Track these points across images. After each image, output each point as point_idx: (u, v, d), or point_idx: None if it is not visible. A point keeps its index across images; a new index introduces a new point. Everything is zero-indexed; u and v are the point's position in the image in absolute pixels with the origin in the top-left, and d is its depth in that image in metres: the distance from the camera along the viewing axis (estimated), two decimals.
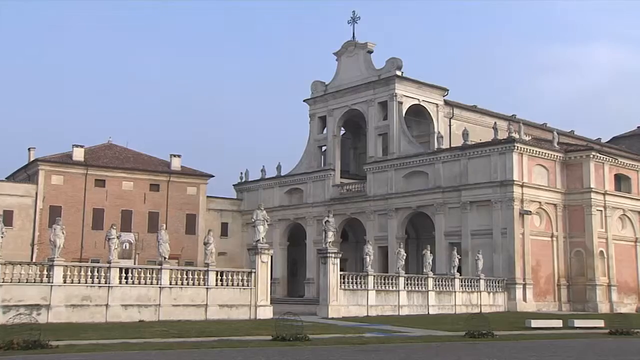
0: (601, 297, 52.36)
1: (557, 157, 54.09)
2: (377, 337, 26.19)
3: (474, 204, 52.86)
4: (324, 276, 38.91)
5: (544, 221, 52.83)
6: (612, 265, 54.12)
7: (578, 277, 53.09)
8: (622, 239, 55.94)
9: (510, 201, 50.36)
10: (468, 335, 26.28)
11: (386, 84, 61.17)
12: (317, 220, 62.56)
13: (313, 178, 66.74)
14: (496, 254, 50.52)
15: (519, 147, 51.18)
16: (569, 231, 53.80)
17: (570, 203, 53.87)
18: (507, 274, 49.72)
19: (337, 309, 38.15)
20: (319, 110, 67.76)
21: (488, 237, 51.42)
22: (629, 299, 55.45)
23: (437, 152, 56.33)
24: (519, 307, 48.40)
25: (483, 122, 63.86)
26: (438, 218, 55.13)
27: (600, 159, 54.97)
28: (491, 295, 48.33)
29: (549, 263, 52.47)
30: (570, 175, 54.42)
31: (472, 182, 52.91)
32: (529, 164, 52.07)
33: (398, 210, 58.47)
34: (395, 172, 59.02)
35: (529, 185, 51.50)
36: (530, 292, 50.04)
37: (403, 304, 42.39)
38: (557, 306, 51.82)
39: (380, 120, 61.88)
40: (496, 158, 51.80)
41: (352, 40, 65.63)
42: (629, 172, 57.76)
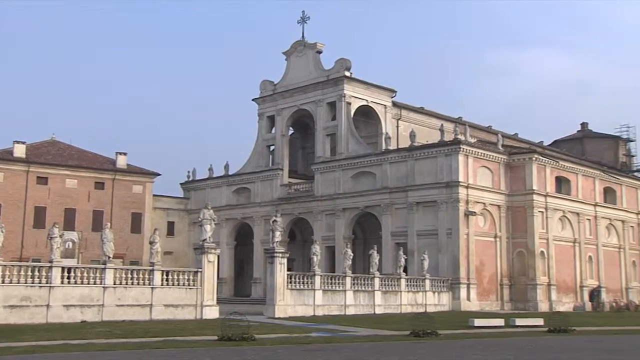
0: (541, 296, 53.70)
1: (501, 159, 55.21)
2: (324, 336, 26.28)
3: (420, 205, 53.54)
4: (271, 276, 38.85)
5: (488, 222, 53.87)
6: (552, 265, 55.55)
7: (520, 276, 54.30)
8: (562, 240, 57.48)
9: (456, 202, 51.19)
10: (413, 334, 26.60)
11: (335, 85, 61.43)
12: (264, 220, 62.42)
13: (261, 177, 66.55)
14: (441, 254, 51.28)
15: (465, 149, 52.06)
16: (512, 232, 54.98)
17: (513, 204, 55.06)
18: (452, 273, 50.53)
19: (283, 309, 38.13)
20: (267, 109, 67.60)
21: (434, 237, 52.16)
22: (567, 297, 57.01)
23: (384, 153, 56.84)
24: (463, 306, 49.23)
25: (430, 123, 64.69)
26: (385, 218, 55.65)
27: (542, 161, 56.36)
28: (436, 294, 49.03)
29: (492, 263, 53.53)
30: (513, 177, 55.62)
31: (419, 183, 53.59)
32: (474, 165, 53.02)
33: (345, 211, 58.79)
34: (343, 173, 59.32)
35: (474, 187, 52.44)
36: (474, 291, 50.97)
37: (349, 303, 42.64)
38: (499, 305, 52.91)
39: (328, 121, 62.11)
40: (442, 159, 52.57)
41: (302, 40, 65.70)
42: (569, 175, 59.39)
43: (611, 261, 62.71)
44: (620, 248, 64.15)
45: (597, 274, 60.55)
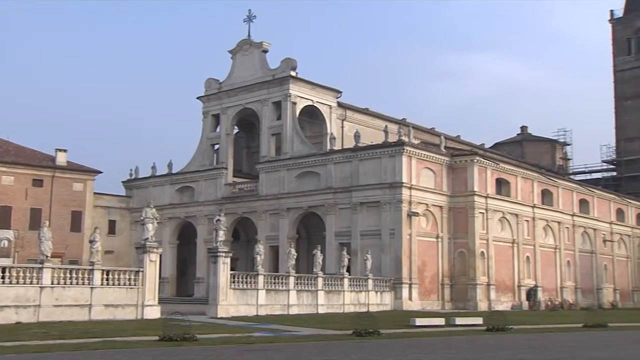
0: (481, 295, 54.80)
1: (443, 161, 56.08)
2: (266, 336, 26.24)
3: (364, 205, 53.94)
4: (214, 275, 38.56)
5: (430, 222, 54.65)
6: (492, 265, 56.74)
7: (460, 276, 55.27)
8: (501, 240, 58.77)
9: (399, 203, 51.76)
10: (355, 334, 26.80)
11: (280, 84, 61.35)
12: (208, 219, 61.90)
13: (205, 176, 65.95)
14: (384, 254, 51.77)
15: (408, 150, 52.69)
16: (453, 232, 55.88)
17: (455, 205, 55.99)
18: (394, 273, 51.07)
19: (226, 309, 37.89)
20: (212, 108, 67.03)
21: (377, 237, 52.61)
22: (506, 297, 58.33)
23: (329, 153, 57.07)
24: (404, 306, 49.81)
25: (374, 124, 65.22)
26: (329, 218, 55.87)
27: (484, 163, 57.48)
28: (379, 294, 49.49)
29: (434, 263, 54.32)
30: (455, 179, 56.55)
31: (363, 184, 53.98)
32: (418, 166, 53.71)
33: (290, 210, 58.79)
34: (288, 172, 59.30)
35: (417, 188, 53.12)
36: (415, 291, 51.63)
37: (293, 303, 42.66)
38: (440, 305, 53.74)
39: (274, 120, 61.98)
40: (386, 160, 53.07)
41: (248, 39, 65.36)
42: (508, 177, 60.75)
43: (547, 261, 64.45)
44: (556, 248, 65.99)
45: (534, 273, 62.12)
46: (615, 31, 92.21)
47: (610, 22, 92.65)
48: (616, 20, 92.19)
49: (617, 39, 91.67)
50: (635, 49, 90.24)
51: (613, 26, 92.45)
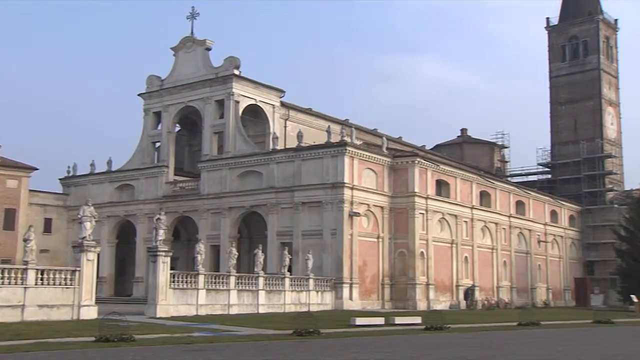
0: (420, 295, 55.65)
1: (385, 161, 56.69)
2: (206, 336, 26.03)
3: (306, 205, 54.09)
4: (153, 275, 38.02)
5: (371, 223, 55.16)
6: (431, 265, 57.67)
7: (400, 276, 55.99)
8: (441, 241, 59.80)
9: (341, 203, 52.08)
10: (296, 333, 26.83)
11: (223, 83, 60.94)
12: (148, 218, 61.00)
13: (145, 174, 64.98)
14: (325, 254, 52.02)
15: (351, 150, 53.07)
16: (394, 232, 56.55)
17: (396, 206, 56.67)
18: (335, 273, 51.37)
19: (165, 309, 37.43)
20: (154, 105, 66.08)
21: (318, 237, 52.82)
22: (444, 296, 59.39)
23: (272, 153, 56.99)
24: (345, 305, 50.15)
25: (317, 124, 65.48)
26: (271, 218, 55.80)
27: (424, 165, 58.36)
28: (319, 294, 49.69)
29: (375, 263, 54.87)
30: (396, 180, 57.25)
31: (305, 184, 54.11)
32: (360, 167, 54.15)
33: (231, 209, 58.48)
34: (230, 171, 58.97)
35: (359, 188, 53.55)
36: (356, 291, 52.06)
37: (233, 303, 42.44)
38: (380, 304, 54.32)
39: (216, 119, 61.53)
40: (328, 161, 53.34)
41: (191, 36, 64.69)
42: (448, 178, 61.86)
43: (484, 261, 65.93)
44: (493, 249, 67.56)
45: (472, 273, 63.45)
46: (551, 38, 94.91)
47: (547, 29, 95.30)
48: (552, 28, 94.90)
49: (553, 45, 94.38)
50: (569, 56, 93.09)
51: (549, 33, 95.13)
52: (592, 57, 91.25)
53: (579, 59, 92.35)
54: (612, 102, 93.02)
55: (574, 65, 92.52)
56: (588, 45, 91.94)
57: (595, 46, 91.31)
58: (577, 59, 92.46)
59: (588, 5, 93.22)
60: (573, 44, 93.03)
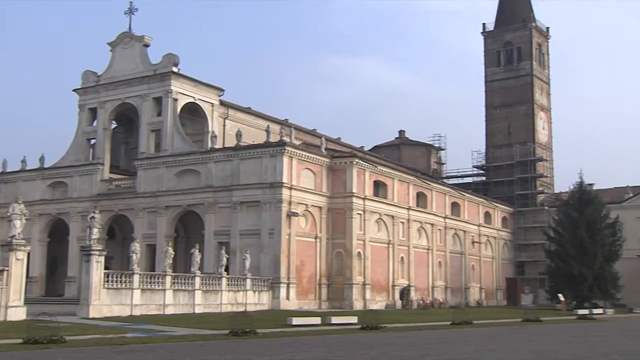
0: (357, 295, 56.15)
1: (324, 162, 56.97)
2: (140, 337, 25.66)
3: (244, 204, 53.87)
4: (86, 274, 37.20)
5: (309, 223, 55.36)
6: (368, 266, 58.27)
7: (337, 276, 56.35)
8: (377, 241, 60.47)
9: (279, 203, 52.08)
10: (232, 333, 26.74)
11: (162, 80, 60.07)
12: (82, 216, 59.58)
13: (80, 172, 63.45)
14: (263, 253, 51.93)
15: (290, 150, 53.13)
16: (332, 233, 56.89)
17: (334, 206, 57.03)
18: (273, 273, 51.33)
19: (99, 309, 36.68)
20: (89, 101, 64.59)
21: (256, 237, 52.69)
22: (381, 296, 60.09)
23: (210, 152, 56.53)
24: (282, 305, 50.17)
25: (257, 124, 65.24)
26: (208, 217, 55.34)
27: (362, 165, 58.91)
28: (256, 294, 49.56)
29: (312, 263, 55.08)
30: (335, 180, 57.60)
31: (243, 183, 53.90)
32: (298, 167, 54.27)
33: (168, 208, 57.73)
34: (167, 170, 58.21)
35: (297, 188, 53.66)
36: (293, 290, 52.14)
37: (169, 302, 41.91)
38: (317, 304, 54.56)
39: (154, 116, 60.61)
40: (267, 160, 53.26)
41: (128, 32, 63.50)
42: (386, 180, 62.60)
43: (420, 262, 67.00)
44: (429, 249, 68.73)
45: (408, 273, 64.38)
46: (486, 43, 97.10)
47: (483, 35, 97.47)
48: (487, 33, 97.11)
49: (489, 51, 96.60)
50: (504, 61, 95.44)
51: (485, 39, 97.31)
52: (526, 63, 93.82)
53: (513, 64, 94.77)
54: (544, 107, 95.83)
55: (508, 70, 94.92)
56: (522, 52, 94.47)
57: (529, 53, 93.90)
58: (511, 65, 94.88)
59: (522, 13, 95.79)
60: (507, 50, 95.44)
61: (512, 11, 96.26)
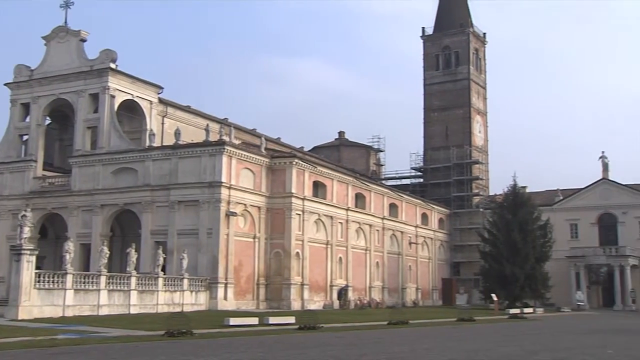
0: (295, 295, 56.23)
1: (263, 162, 56.85)
2: (72, 338, 25.09)
3: (182, 204, 53.28)
4: (16, 275, 36.13)
5: (248, 223, 55.15)
6: (306, 266, 58.42)
7: (276, 276, 56.31)
8: (316, 242, 60.72)
9: (218, 202, 51.70)
10: (167, 334, 26.44)
11: (98, 76, 58.76)
12: (12, 214, 57.73)
13: (10, 169, 61.46)
14: (201, 253, 51.47)
15: (229, 150, 52.81)
16: (270, 233, 56.81)
17: (273, 206, 56.96)
18: (211, 273, 50.92)
19: (29, 310, 35.67)
20: (22, 96, 62.61)
21: (194, 236, 52.17)
22: (318, 296, 60.35)
23: (148, 150, 55.67)
24: (220, 305, 49.81)
25: (196, 123, 64.56)
26: (145, 216, 54.49)
27: (302, 166, 59.04)
28: (194, 294, 49.07)
29: (251, 263, 54.89)
30: (274, 180, 57.55)
31: (182, 182, 53.31)
32: (237, 167, 54.00)
33: (104, 207, 56.59)
34: (104, 168, 57.05)
35: (236, 188, 53.39)
36: (231, 291, 51.84)
37: (103, 303, 41.09)
38: (255, 304, 54.41)
39: (90, 113, 59.22)
40: (206, 159, 52.82)
41: (64, 26, 61.87)
42: (325, 180, 62.90)
43: (358, 262, 67.58)
44: (367, 250, 69.38)
45: (346, 273, 64.85)
46: (425, 47, 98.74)
47: (422, 39, 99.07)
48: (427, 37, 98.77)
49: (428, 54, 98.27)
50: (442, 65, 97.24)
51: (424, 42, 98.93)
52: (463, 68, 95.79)
53: (451, 68, 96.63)
54: (480, 111, 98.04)
55: (446, 74, 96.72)
56: (459, 56, 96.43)
57: (466, 57, 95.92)
58: (449, 69, 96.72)
59: (460, 18, 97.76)
60: (446, 54, 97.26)
61: (451, 16, 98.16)
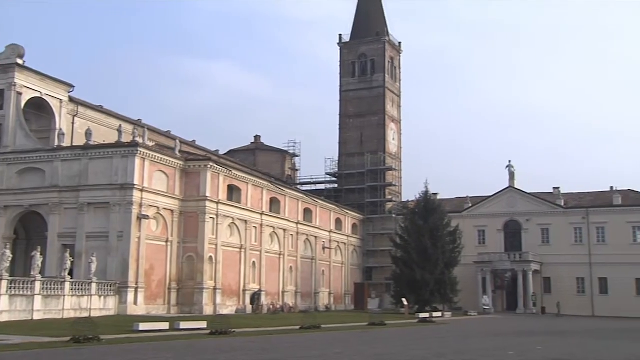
0: (207, 299, 55.62)
1: (177, 164, 56.03)
2: None
3: (92, 206, 51.79)
4: None
5: (160, 226, 54.19)
6: (220, 270, 57.91)
7: (188, 280, 55.54)
8: (230, 246, 60.29)
9: (130, 205, 50.56)
10: (73, 340, 25.63)
11: (4, 72, 56.29)
12: None
13: None
14: (111, 257, 50.15)
15: (142, 151, 51.75)
16: (184, 236, 56.00)
17: (187, 209, 56.20)
18: (121, 277, 49.67)
19: None
20: None
21: (104, 240, 50.78)
22: (231, 301, 59.92)
23: (56, 150, 53.85)
24: (129, 310, 48.68)
25: (109, 123, 62.94)
26: (52, 218, 52.64)
27: (217, 169, 58.54)
28: (102, 299, 47.73)
29: (162, 267, 53.93)
30: (188, 183, 56.79)
31: (92, 183, 51.83)
32: (151, 169, 53.00)
33: (8, 208, 54.30)
34: (8, 167, 54.77)
35: (149, 190, 52.38)
36: (141, 295, 50.75)
37: (4, 309, 39.26)
38: (166, 309, 53.43)
39: None
40: (118, 161, 51.58)
41: None
42: (240, 184, 62.58)
43: (272, 266, 67.54)
44: (281, 254, 69.46)
45: (259, 278, 64.66)
46: (342, 54, 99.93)
47: (339, 45, 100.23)
48: (344, 44, 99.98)
49: (344, 61, 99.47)
50: (359, 72, 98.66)
51: (341, 49, 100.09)
52: (379, 75, 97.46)
53: (367, 76, 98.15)
54: (395, 119, 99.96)
55: (362, 81, 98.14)
56: (375, 64, 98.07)
57: (382, 65, 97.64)
58: (365, 76, 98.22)
59: (376, 27, 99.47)
60: (362, 62, 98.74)
61: (368, 25, 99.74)
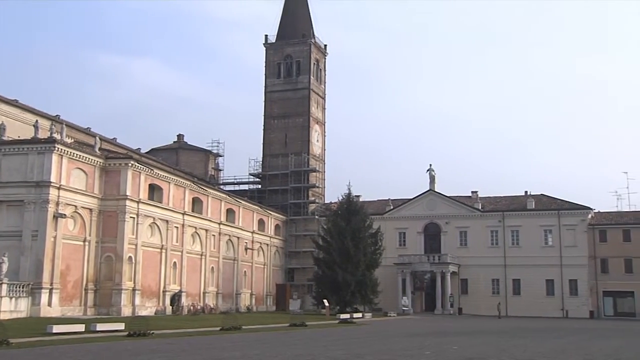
0: (125, 300, 54.46)
1: (97, 162, 54.64)
2: None
3: (4, 204, 49.84)
4: None
5: (78, 225, 52.72)
6: (139, 271, 56.82)
7: (106, 281, 54.23)
8: (150, 246, 59.24)
9: (45, 203, 48.95)
10: None
11: None
12: None
13: None
14: (24, 257, 48.41)
15: (60, 148, 50.21)
16: (102, 236, 54.65)
17: (106, 209, 54.88)
18: (34, 278, 48.02)
19: None
20: None
21: (17, 239, 48.93)
22: (151, 302, 58.87)
23: None
24: (43, 312, 47.11)
25: (24, 118, 60.62)
26: None
27: (138, 168, 57.40)
28: (13, 300, 45.90)
29: (79, 267, 52.48)
30: (108, 182, 55.48)
31: (5, 180, 49.90)
32: (69, 166, 51.49)
33: None
34: None
35: (66, 188, 50.86)
36: (56, 296, 49.19)
37: None
38: (83, 310, 52.03)
39: None
40: (34, 157, 49.87)
41: None
42: (162, 183, 61.58)
43: (193, 267, 66.77)
44: (202, 255, 68.75)
45: (180, 279, 63.81)
46: (268, 55, 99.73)
47: (265, 46, 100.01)
48: (269, 45, 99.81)
49: (270, 62, 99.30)
50: (284, 74, 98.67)
51: (266, 50, 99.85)
52: (304, 77, 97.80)
53: (292, 77, 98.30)
54: (319, 121, 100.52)
55: (287, 82, 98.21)
56: (301, 66, 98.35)
57: (307, 67, 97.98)
58: (290, 77, 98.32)
59: (302, 29, 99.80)
60: (288, 63, 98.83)
61: (294, 26, 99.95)
